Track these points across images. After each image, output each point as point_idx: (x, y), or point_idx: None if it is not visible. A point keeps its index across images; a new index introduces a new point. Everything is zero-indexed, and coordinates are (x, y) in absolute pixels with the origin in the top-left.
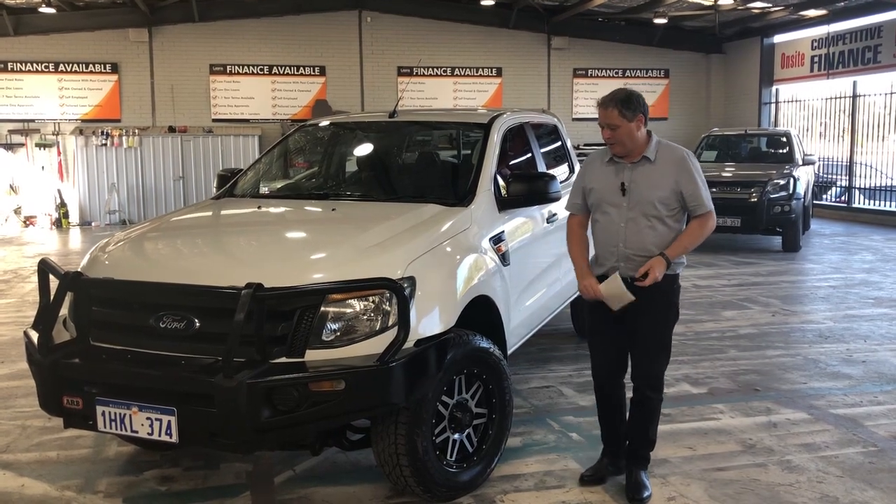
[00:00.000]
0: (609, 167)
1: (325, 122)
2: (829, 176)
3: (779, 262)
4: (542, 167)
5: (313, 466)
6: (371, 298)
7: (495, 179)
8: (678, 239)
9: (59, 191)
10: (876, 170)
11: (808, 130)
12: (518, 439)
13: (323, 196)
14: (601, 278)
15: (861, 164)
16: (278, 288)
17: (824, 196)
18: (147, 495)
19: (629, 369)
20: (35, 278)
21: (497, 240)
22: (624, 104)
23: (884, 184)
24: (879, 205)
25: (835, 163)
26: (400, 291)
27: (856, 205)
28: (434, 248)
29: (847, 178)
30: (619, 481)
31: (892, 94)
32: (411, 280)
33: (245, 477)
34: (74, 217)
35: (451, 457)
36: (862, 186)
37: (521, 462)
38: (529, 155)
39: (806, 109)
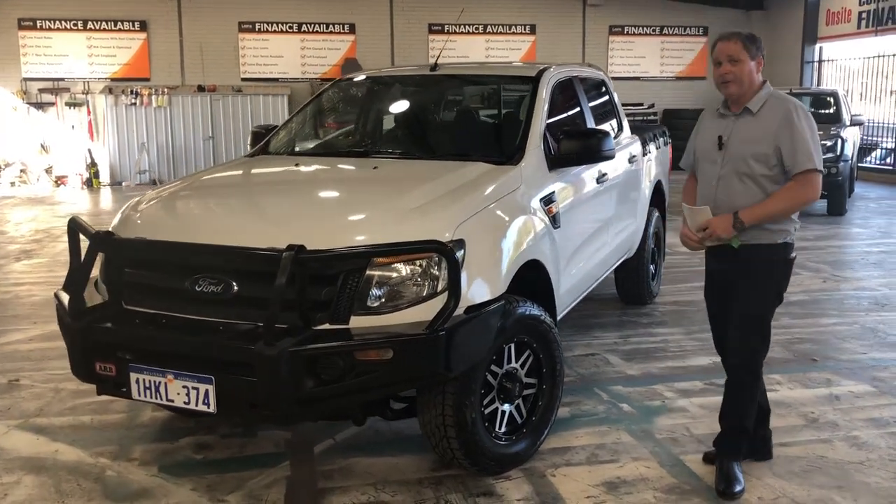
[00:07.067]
0: (714, 121)
1: (362, 77)
2: (874, 138)
3: (825, 227)
4: (591, 123)
5: (355, 436)
6: (419, 262)
7: (545, 136)
8: (762, 202)
9: (89, 150)
10: None
11: (864, 89)
12: (566, 410)
13: (362, 153)
14: None
15: None
16: (321, 250)
17: (867, 159)
18: (182, 464)
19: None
20: (66, 238)
21: (548, 200)
22: (749, 39)
23: None
24: None
25: (880, 124)
26: (451, 255)
27: None
28: (484, 209)
29: (894, 140)
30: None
31: None
32: (461, 243)
33: (284, 446)
34: (105, 177)
35: (499, 429)
36: None
37: (570, 434)
38: (578, 110)
39: (842, 71)
